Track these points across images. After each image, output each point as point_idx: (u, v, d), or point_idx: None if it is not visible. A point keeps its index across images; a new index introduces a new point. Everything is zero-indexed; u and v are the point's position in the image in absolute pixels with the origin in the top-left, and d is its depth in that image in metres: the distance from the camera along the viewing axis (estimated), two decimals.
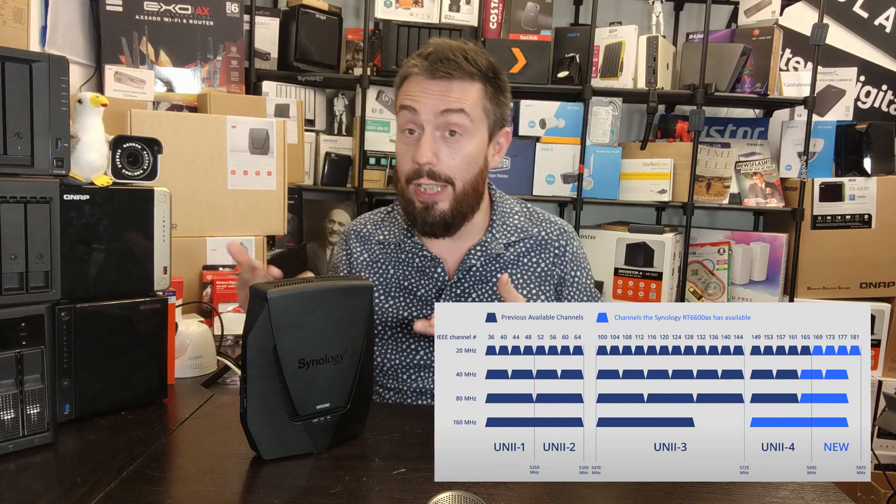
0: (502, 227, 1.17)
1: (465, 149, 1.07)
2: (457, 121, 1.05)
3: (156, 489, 0.74)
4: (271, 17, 2.40)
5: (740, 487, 0.78)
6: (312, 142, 2.47)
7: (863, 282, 2.45)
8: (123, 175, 0.99)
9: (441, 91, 1.04)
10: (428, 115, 1.04)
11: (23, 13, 1.70)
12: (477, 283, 1.14)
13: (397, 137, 1.11)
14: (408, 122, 1.07)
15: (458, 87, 1.05)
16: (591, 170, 2.43)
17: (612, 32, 2.44)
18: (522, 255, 1.16)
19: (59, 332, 0.90)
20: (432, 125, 1.05)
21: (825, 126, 2.53)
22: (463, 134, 1.06)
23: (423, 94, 1.05)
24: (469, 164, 1.08)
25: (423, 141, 1.05)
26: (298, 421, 0.82)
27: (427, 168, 1.05)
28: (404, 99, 1.07)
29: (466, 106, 1.05)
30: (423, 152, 1.04)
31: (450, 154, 1.06)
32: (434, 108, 1.04)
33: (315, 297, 0.82)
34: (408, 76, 1.08)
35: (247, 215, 1.69)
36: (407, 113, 1.07)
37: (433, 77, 1.05)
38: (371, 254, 1.19)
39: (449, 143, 1.06)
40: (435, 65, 1.04)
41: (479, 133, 1.08)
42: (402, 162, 1.09)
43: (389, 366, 1.15)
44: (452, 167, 1.06)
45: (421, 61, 1.06)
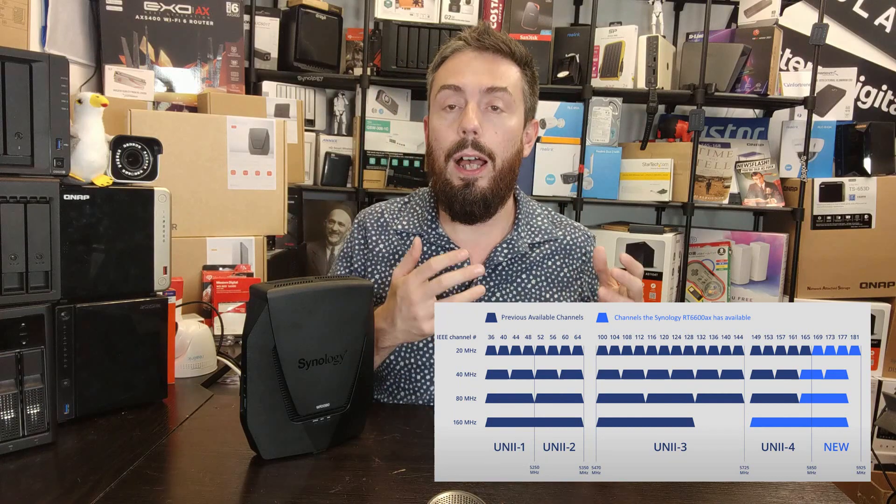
0: (527, 226, 1.15)
1: (507, 124, 1.07)
2: (501, 97, 1.06)
3: (156, 489, 0.74)
4: (271, 17, 2.40)
5: (740, 487, 0.78)
6: (312, 142, 2.47)
7: (863, 282, 2.45)
8: (123, 175, 0.99)
9: (487, 65, 1.06)
10: (473, 90, 1.05)
11: (23, 13, 1.70)
12: (502, 283, 1.11)
13: (434, 117, 1.10)
14: (449, 98, 1.07)
15: (503, 65, 1.07)
16: (591, 170, 2.43)
17: (612, 32, 2.44)
18: (547, 258, 1.14)
19: (59, 332, 0.90)
20: (476, 100, 1.05)
21: (825, 126, 2.53)
22: (505, 110, 1.07)
23: (469, 68, 1.06)
24: (510, 140, 1.08)
25: (469, 109, 1.04)
26: (298, 421, 0.82)
27: (472, 137, 1.04)
28: (448, 76, 1.07)
29: (510, 85, 1.06)
30: (471, 119, 1.03)
31: (493, 128, 1.06)
32: (479, 83, 1.05)
33: (315, 297, 0.82)
34: (451, 53, 1.09)
35: (247, 215, 1.69)
36: (449, 91, 1.07)
37: (481, 49, 1.07)
38: (389, 245, 1.14)
39: (492, 117, 1.06)
40: (483, 35, 1.07)
41: (517, 114, 1.09)
42: (442, 137, 1.08)
43: (403, 365, 1.09)
44: (495, 141, 1.06)
45: (469, 34, 1.08)
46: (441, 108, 1.08)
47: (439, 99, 1.08)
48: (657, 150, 2.47)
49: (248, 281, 1.56)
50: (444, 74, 1.09)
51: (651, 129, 2.47)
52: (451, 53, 1.10)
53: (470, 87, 1.05)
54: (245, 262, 1.67)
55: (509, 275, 1.11)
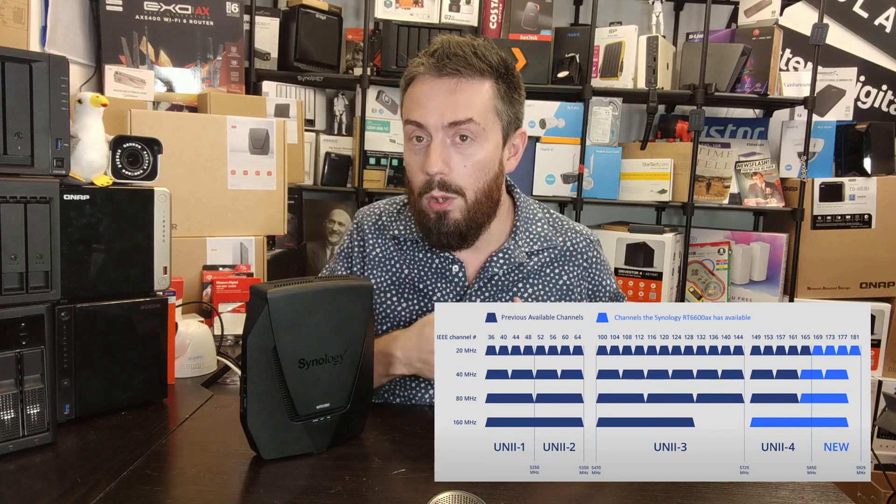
0: (525, 234, 1.11)
1: (477, 155, 1.01)
2: (467, 128, 0.99)
3: (156, 489, 0.74)
4: (271, 17, 2.40)
5: (740, 487, 0.78)
6: (312, 142, 2.47)
7: (863, 282, 2.45)
8: (123, 175, 0.99)
9: (448, 95, 0.99)
10: (436, 126, 0.99)
11: (23, 13, 1.70)
12: (498, 294, 1.08)
13: (405, 147, 1.07)
14: (415, 132, 1.02)
15: (466, 88, 0.99)
16: (591, 170, 2.43)
17: (612, 32, 2.44)
18: (545, 266, 1.11)
19: (59, 332, 0.90)
20: (440, 136, 1.00)
21: (825, 126, 2.53)
22: (475, 139, 1.00)
23: (430, 98, 0.99)
24: (481, 171, 1.02)
25: (433, 149, 0.99)
26: (298, 421, 0.82)
27: (438, 178, 1.00)
28: (411, 109, 1.02)
29: (475, 113, 0.99)
30: (434, 161, 0.99)
31: (461, 161, 1.00)
32: (441, 118, 0.98)
33: (315, 297, 0.82)
34: (414, 78, 1.03)
35: (247, 215, 1.69)
36: (413, 126, 1.02)
37: (440, 75, 0.99)
38: (384, 249, 1.13)
39: (460, 148, 1.00)
40: (442, 61, 0.98)
41: (492, 137, 1.02)
42: (412, 174, 1.05)
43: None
44: (464, 175, 1.01)
45: (427, 59, 1.00)
46: (409, 137, 1.04)
47: (406, 131, 1.04)
48: (657, 150, 2.47)
49: (248, 281, 1.56)
50: (409, 105, 1.03)
51: (651, 129, 2.47)
52: (413, 78, 1.03)
53: (432, 124, 0.99)
54: (245, 262, 1.67)
55: (505, 285, 1.09)
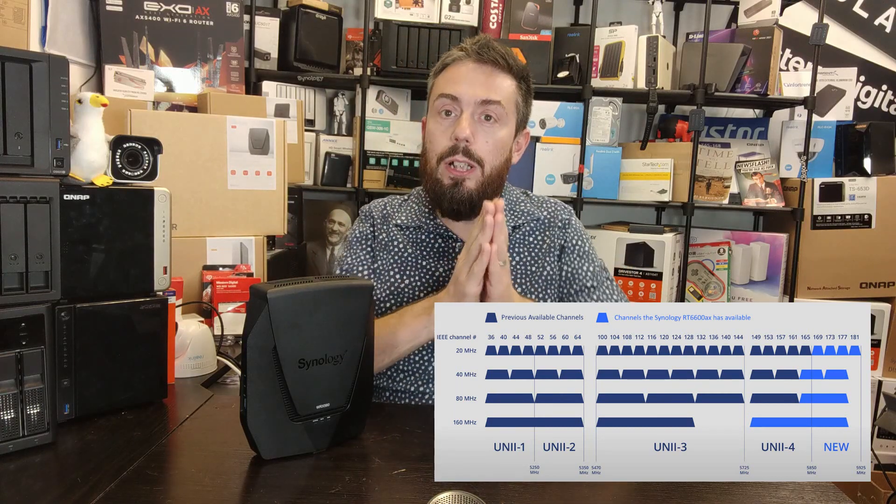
0: (510, 212, 1.23)
1: (498, 134, 1.13)
2: (494, 109, 1.12)
3: (156, 489, 0.74)
4: (271, 17, 2.40)
5: (740, 487, 0.78)
6: (312, 142, 2.47)
7: (863, 282, 2.45)
8: (123, 175, 0.99)
9: (484, 77, 1.12)
10: (469, 101, 1.11)
11: (23, 13, 1.70)
12: None
13: (431, 120, 1.17)
14: (446, 106, 1.13)
15: (499, 76, 1.13)
16: (591, 170, 2.43)
17: (612, 32, 2.44)
18: (528, 235, 1.22)
19: (59, 332, 0.90)
20: (471, 110, 1.11)
21: (825, 126, 2.53)
22: (498, 121, 1.13)
23: (466, 80, 1.12)
24: (499, 150, 1.14)
25: (464, 118, 1.11)
26: (298, 421, 0.82)
27: (464, 145, 1.11)
28: (446, 85, 1.13)
29: (503, 98, 1.12)
30: (464, 128, 1.10)
31: (484, 137, 1.12)
32: (475, 95, 1.11)
33: (315, 297, 0.82)
34: (452, 62, 1.15)
35: (247, 215, 1.69)
36: (447, 99, 1.12)
37: (480, 61, 1.12)
38: (389, 234, 1.22)
39: (485, 126, 1.13)
40: (483, 49, 1.12)
41: (510, 124, 1.16)
42: (436, 141, 1.14)
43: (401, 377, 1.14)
44: (485, 150, 1.12)
45: (470, 46, 1.14)
46: (438, 113, 1.15)
47: (437, 105, 1.15)
48: (657, 150, 2.47)
49: (248, 281, 1.56)
50: (444, 82, 1.15)
51: (651, 129, 2.47)
52: (451, 62, 1.16)
53: (466, 98, 1.11)
54: (245, 262, 1.67)
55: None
